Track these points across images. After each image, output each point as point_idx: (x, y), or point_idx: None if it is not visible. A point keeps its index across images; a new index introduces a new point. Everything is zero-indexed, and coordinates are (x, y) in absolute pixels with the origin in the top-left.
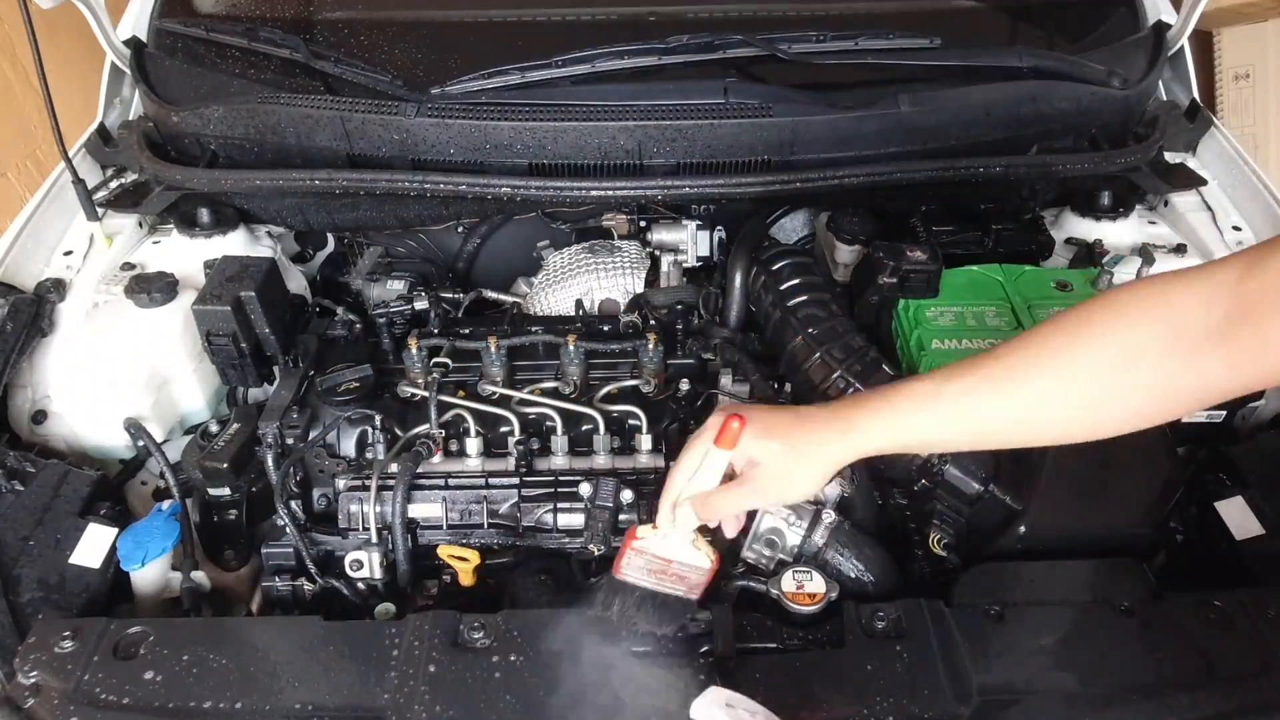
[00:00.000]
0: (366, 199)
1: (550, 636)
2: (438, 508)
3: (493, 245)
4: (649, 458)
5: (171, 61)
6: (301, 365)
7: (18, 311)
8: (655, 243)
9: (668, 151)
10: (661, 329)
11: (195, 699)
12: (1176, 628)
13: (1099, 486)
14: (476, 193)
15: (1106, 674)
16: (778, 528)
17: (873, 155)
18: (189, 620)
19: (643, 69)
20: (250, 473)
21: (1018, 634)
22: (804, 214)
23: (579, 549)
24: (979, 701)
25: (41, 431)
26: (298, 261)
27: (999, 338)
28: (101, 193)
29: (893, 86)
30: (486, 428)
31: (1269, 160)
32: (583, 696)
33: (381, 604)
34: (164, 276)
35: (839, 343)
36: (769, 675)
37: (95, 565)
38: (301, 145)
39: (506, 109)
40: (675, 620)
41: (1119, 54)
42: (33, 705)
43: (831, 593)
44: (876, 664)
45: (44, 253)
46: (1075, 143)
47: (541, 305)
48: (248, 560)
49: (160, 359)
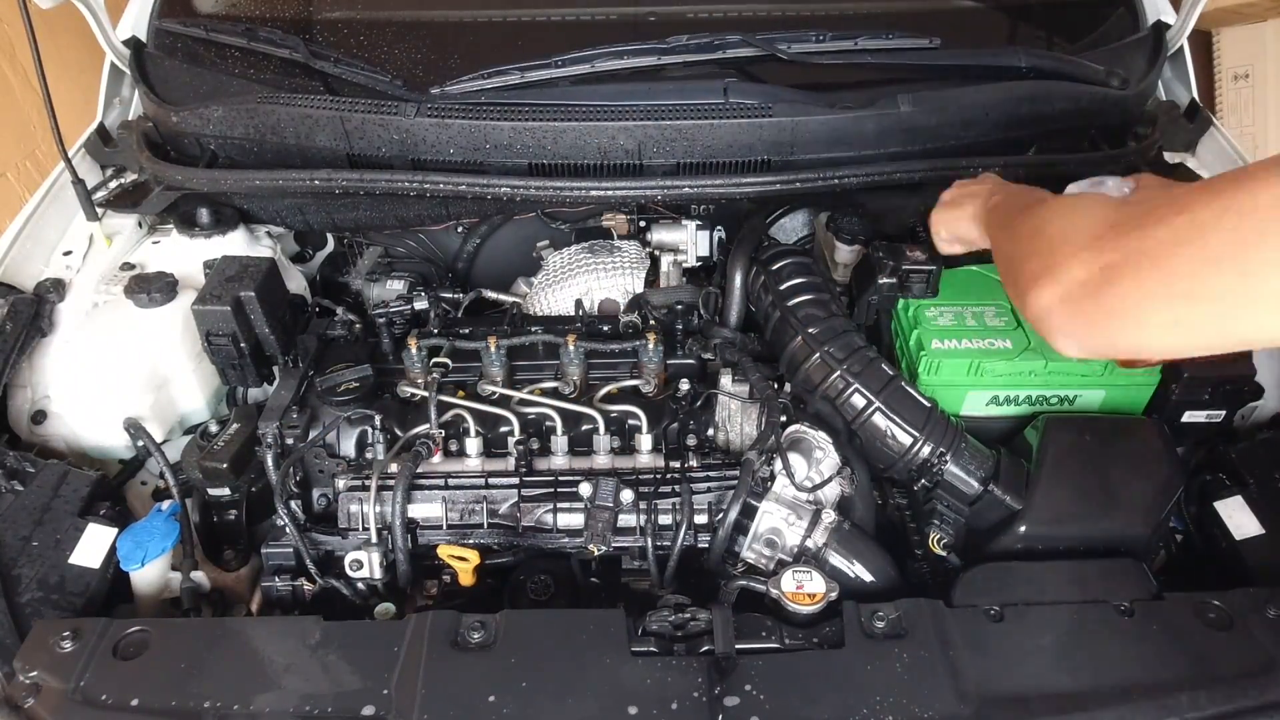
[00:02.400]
0: (366, 199)
1: (550, 636)
2: (438, 508)
3: (493, 245)
4: (649, 458)
5: (171, 61)
6: (301, 365)
7: (17, 311)
8: (655, 243)
9: (667, 151)
10: (661, 329)
11: (195, 699)
12: (1176, 628)
13: (1099, 486)
14: (476, 193)
15: (1106, 674)
16: (778, 528)
17: (873, 155)
18: (189, 620)
19: (642, 69)
20: (250, 473)
21: (1018, 634)
22: (804, 214)
23: (579, 549)
24: (979, 701)
25: (41, 431)
26: (298, 261)
27: (999, 338)
28: (101, 193)
29: (892, 86)
30: (486, 428)
31: None
32: (583, 696)
33: (381, 604)
34: (164, 276)
35: (839, 342)
36: (769, 675)
37: (95, 565)
38: (301, 145)
39: (506, 109)
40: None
41: (1118, 54)
42: (33, 705)
43: (831, 593)
44: (876, 664)
45: (44, 253)
46: (1075, 143)
47: (541, 305)
48: (248, 560)
49: (160, 359)
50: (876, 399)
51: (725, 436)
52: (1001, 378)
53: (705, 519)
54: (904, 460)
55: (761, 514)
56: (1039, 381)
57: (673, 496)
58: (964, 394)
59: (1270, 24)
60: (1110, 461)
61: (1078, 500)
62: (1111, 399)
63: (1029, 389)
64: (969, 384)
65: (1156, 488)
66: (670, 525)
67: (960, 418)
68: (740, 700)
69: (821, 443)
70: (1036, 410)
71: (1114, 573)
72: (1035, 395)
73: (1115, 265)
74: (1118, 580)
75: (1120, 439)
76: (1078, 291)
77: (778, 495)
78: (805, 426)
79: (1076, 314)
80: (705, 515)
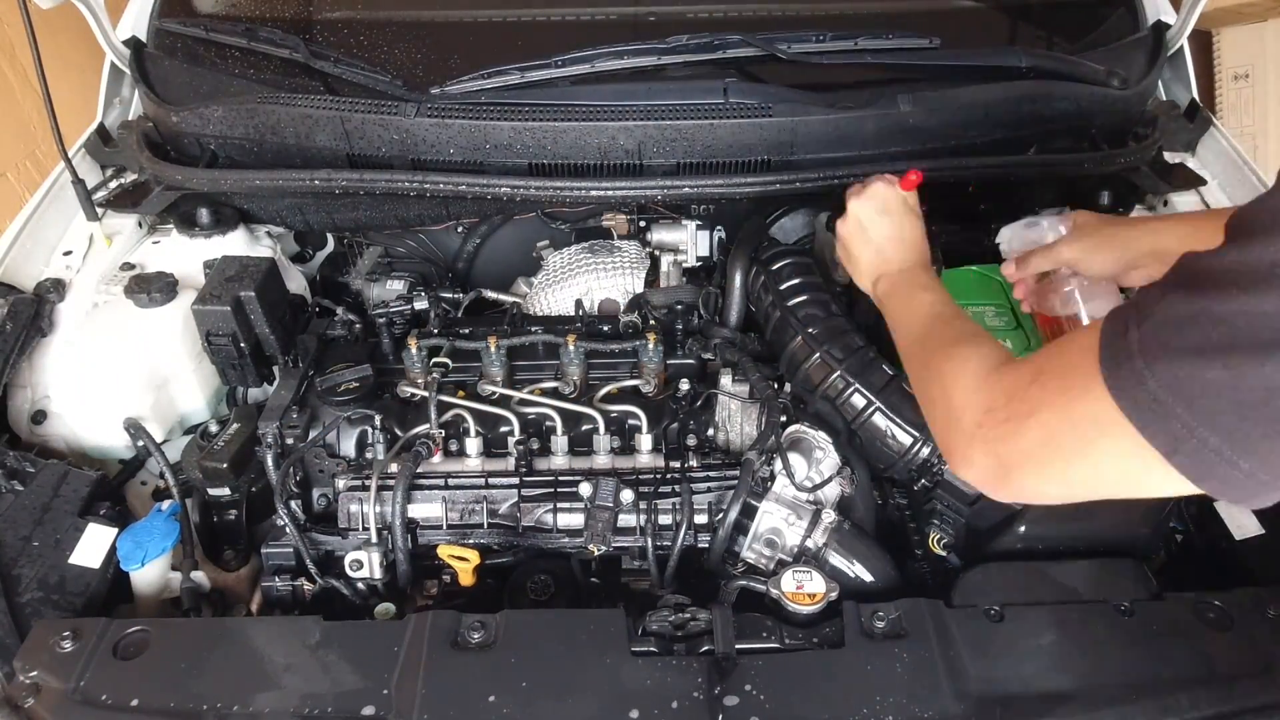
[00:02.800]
0: (366, 199)
1: (550, 636)
2: (438, 508)
3: (493, 245)
4: (649, 458)
5: (171, 61)
6: (301, 365)
7: (17, 311)
8: (655, 243)
9: (667, 151)
10: (661, 329)
11: (195, 699)
12: (1176, 628)
13: None
14: (476, 193)
15: (1106, 674)
16: (778, 528)
17: (873, 155)
18: (189, 620)
19: (642, 69)
20: (250, 473)
21: (1018, 634)
22: (804, 214)
23: (579, 549)
24: (979, 701)
25: (41, 431)
26: (298, 261)
27: (999, 338)
28: (101, 193)
29: (892, 86)
30: (486, 428)
31: (1268, 160)
32: (583, 696)
33: (381, 604)
34: (164, 276)
35: (839, 342)
36: (769, 675)
37: (95, 565)
38: (301, 145)
39: (506, 109)
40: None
41: (1118, 54)
42: (33, 705)
43: (831, 593)
44: (876, 664)
45: (44, 253)
46: (1075, 143)
47: (541, 305)
48: (248, 560)
49: (160, 359)
50: (876, 399)
51: (725, 436)
52: None
53: (705, 519)
54: (904, 460)
55: (761, 514)
56: None
57: (673, 496)
58: None
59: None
60: None
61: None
62: None
63: None
64: None
65: None
66: (670, 525)
67: None
68: (740, 700)
69: (821, 443)
70: None
71: (1114, 573)
72: None
73: (1005, 461)
74: (1118, 580)
75: None
76: (980, 474)
77: (778, 495)
78: (805, 426)
79: (985, 485)
80: (705, 515)
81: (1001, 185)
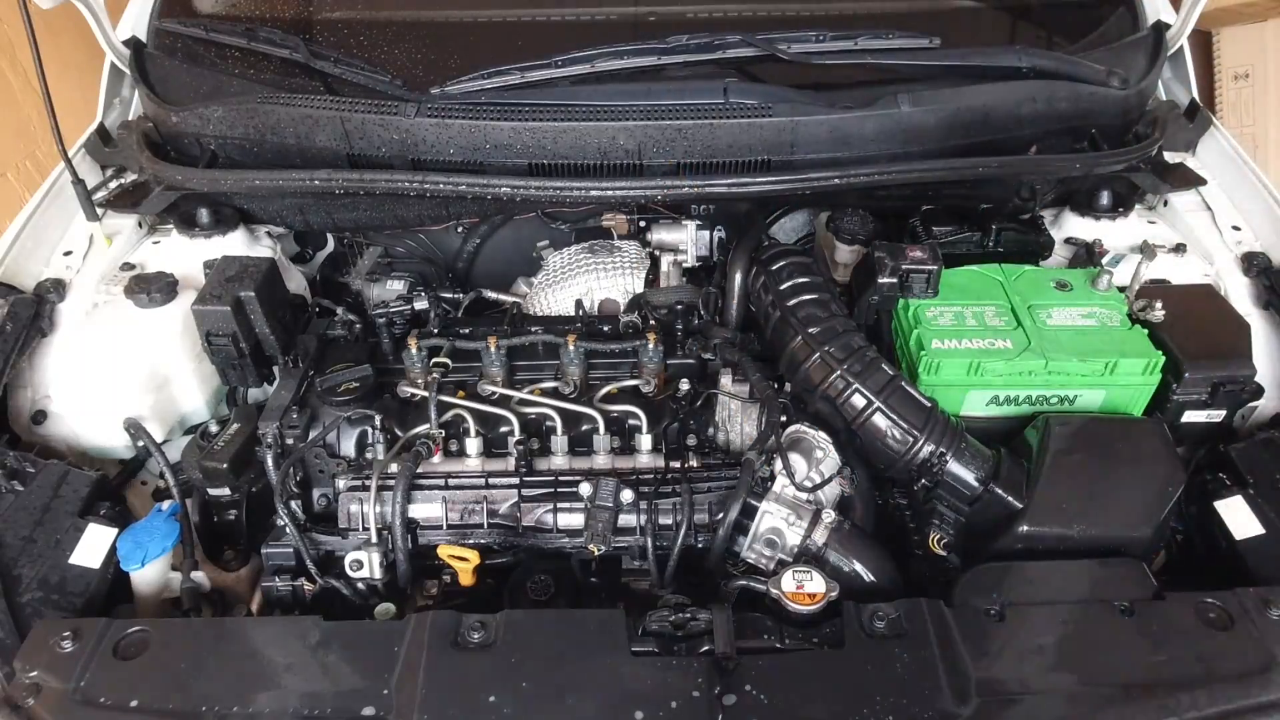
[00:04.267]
0: (366, 199)
1: (550, 636)
2: (438, 508)
3: (493, 245)
4: (649, 458)
5: (171, 61)
6: (301, 365)
7: (18, 311)
8: (655, 243)
9: (668, 151)
10: (661, 329)
11: (195, 699)
12: (1176, 628)
13: (1099, 486)
14: (476, 193)
15: (1106, 674)
16: (778, 528)
17: (873, 155)
18: (189, 620)
19: (642, 69)
20: (250, 473)
21: (1018, 634)
22: (804, 214)
23: (579, 549)
24: (979, 701)
25: (41, 431)
26: (298, 261)
27: (999, 338)
28: (101, 193)
29: (893, 86)
30: (486, 428)
31: (1268, 160)
32: (583, 696)
33: (381, 604)
34: (164, 276)
35: (839, 343)
36: (769, 675)
37: (95, 565)
38: (301, 145)
39: (506, 109)
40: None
41: (1118, 54)
42: (33, 705)
43: (831, 593)
44: (876, 664)
45: (44, 253)
46: (1075, 143)
47: (541, 305)
48: (248, 560)
49: (160, 359)
50: (877, 399)
51: (725, 436)
52: (1001, 378)
53: (705, 519)
54: (904, 460)
55: (762, 514)
56: (1039, 381)
57: (673, 496)
58: (964, 394)
59: (1270, 24)
60: (1110, 461)
61: (1078, 500)
62: (1111, 399)
63: (1029, 389)
64: (969, 384)
65: (1156, 488)
66: (670, 525)
67: (960, 418)
68: (740, 700)
69: (821, 443)
70: (1036, 410)
71: (1114, 573)
72: (1035, 395)
73: None
74: (1118, 580)
75: (1120, 439)
76: None
77: (778, 495)
78: (805, 426)
79: None
80: (705, 515)
81: (1001, 185)
